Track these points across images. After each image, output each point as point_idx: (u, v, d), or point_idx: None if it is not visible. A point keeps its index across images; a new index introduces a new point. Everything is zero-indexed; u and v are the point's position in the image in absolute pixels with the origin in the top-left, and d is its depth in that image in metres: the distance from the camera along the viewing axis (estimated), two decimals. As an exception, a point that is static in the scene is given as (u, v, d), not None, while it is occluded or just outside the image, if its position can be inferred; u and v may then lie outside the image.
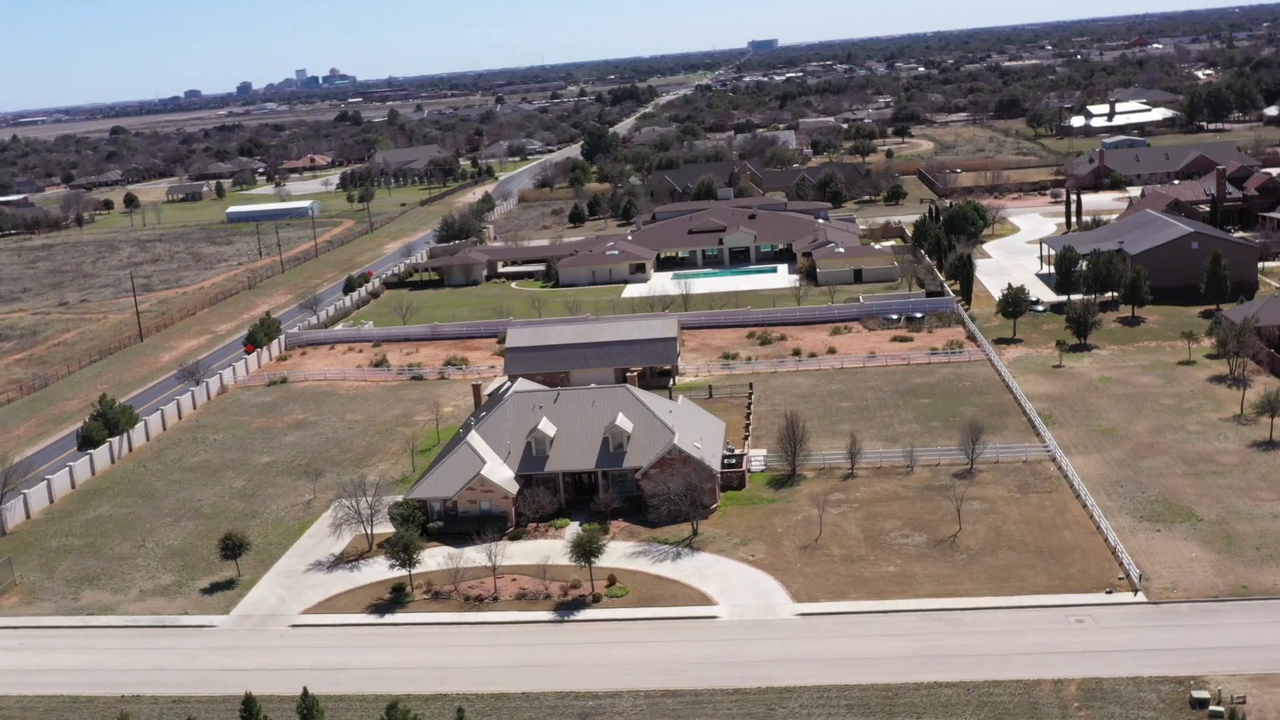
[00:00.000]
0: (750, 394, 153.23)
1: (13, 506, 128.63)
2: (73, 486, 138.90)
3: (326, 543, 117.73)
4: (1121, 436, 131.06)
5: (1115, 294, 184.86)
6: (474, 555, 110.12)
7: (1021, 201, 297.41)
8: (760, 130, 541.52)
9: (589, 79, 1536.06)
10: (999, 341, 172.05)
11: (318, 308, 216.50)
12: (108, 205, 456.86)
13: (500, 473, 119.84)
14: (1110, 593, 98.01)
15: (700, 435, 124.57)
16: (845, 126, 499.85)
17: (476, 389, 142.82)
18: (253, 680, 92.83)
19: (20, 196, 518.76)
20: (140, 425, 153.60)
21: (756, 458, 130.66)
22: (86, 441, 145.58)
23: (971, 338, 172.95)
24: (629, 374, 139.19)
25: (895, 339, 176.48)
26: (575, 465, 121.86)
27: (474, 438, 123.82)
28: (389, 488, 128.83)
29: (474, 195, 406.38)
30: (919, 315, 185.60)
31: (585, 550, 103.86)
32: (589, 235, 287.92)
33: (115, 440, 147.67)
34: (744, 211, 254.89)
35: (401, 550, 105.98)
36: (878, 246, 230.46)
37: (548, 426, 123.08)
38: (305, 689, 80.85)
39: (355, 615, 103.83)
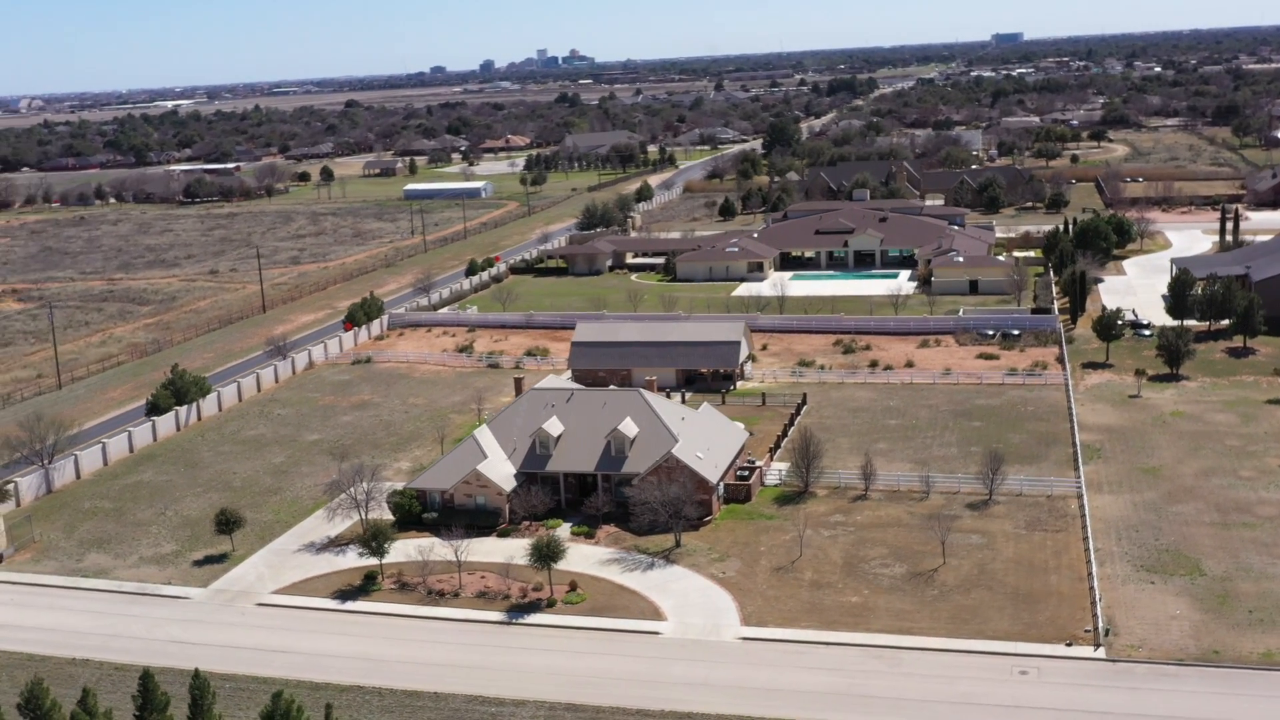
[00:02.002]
0: (801, 404, 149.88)
1: (61, 467, 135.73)
2: (130, 451, 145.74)
3: (326, 525, 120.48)
4: (1164, 477, 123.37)
5: (1229, 321, 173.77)
6: (459, 549, 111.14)
7: (1189, 216, 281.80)
8: (959, 127, 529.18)
9: (819, 67, 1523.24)
10: (1088, 365, 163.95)
11: (431, 290, 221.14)
12: (304, 177, 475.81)
13: (500, 469, 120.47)
14: (1069, 645, 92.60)
15: (709, 445, 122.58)
16: (1044, 128, 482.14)
17: (519, 382, 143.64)
18: (193, 654, 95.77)
19: (233, 165, 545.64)
20: (213, 396, 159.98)
21: (776, 471, 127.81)
22: (154, 409, 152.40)
23: (1060, 360, 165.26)
24: (648, 379, 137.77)
25: (981, 356, 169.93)
26: (576, 466, 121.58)
27: (482, 432, 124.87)
28: (410, 475, 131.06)
29: (654, 181, 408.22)
30: (1016, 332, 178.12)
31: (543, 554, 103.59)
32: (735, 229, 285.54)
33: (183, 409, 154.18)
34: (875, 214, 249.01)
35: (372, 539, 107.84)
36: (1003, 258, 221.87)
37: (553, 426, 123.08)
38: (197, 670, 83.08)
39: (320, 599, 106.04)
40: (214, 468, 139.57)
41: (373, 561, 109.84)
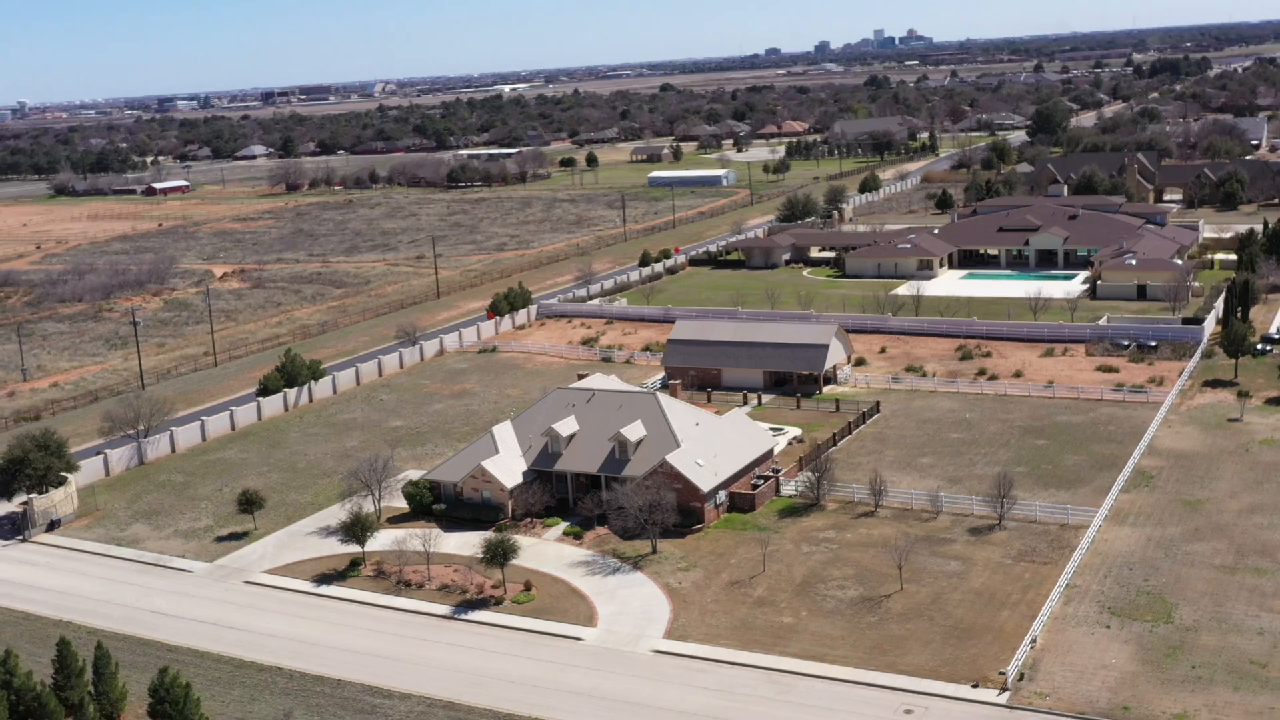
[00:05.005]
0: (868, 413, 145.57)
1: (156, 441, 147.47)
2: (232, 429, 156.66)
3: (342, 511, 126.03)
4: (1203, 511, 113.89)
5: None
6: (447, 541, 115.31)
7: None
8: (1263, 113, 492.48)
9: (1161, 45, 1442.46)
10: (1211, 383, 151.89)
11: (593, 281, 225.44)
12: (567, 163, 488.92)
13: (508, 465, 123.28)
14: (975, 687, 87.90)
15: (716, 453, 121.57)
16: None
17: (580, 377, 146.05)
18: (162, 625, 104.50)
19: (515, 150, 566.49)
20: (328, 379, 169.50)
21: (796, 482, 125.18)
22: (264, 390, 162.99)
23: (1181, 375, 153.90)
24: (673, 382, 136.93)
25: (1100, 368, 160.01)
26: (583, 467, 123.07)
27: (502, 428, 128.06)
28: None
29: (890, 172, 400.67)
30: (1153, 344, 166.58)
31: (494, 553, 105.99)
32: (937, 224, 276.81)
33: (292, 391, 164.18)
34: (1065, 211, 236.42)
35: (352, 527, 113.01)
36: (1179, 261, 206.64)
37: (566, 426, 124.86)
38: (99, 641, 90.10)
39: (299, 581, 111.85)
40: (290, 449, 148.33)
41: (356, 549, 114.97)
